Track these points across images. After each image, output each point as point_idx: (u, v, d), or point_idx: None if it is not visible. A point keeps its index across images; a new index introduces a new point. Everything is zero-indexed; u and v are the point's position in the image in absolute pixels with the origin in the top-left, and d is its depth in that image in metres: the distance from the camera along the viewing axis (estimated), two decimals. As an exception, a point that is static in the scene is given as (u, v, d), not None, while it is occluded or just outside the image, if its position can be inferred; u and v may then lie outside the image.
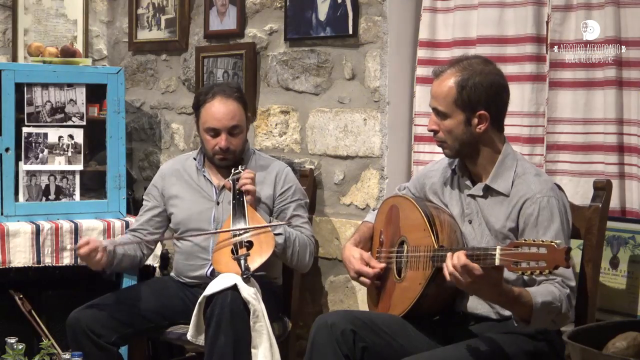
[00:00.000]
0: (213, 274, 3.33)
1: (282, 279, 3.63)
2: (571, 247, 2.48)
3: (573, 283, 2.60)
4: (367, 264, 2.92)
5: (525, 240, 2.36)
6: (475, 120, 2.69)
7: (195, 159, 3.58)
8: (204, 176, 3.53)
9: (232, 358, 3.05)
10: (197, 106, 3.50)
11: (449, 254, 2.45)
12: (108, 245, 3.33)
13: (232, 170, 3.41)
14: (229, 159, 3.45)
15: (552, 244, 2.28)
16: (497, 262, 2.36)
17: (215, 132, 3.43)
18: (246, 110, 3.52)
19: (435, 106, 2.75)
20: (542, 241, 2.31)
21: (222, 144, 3.42)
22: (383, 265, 2.91)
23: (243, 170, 3.40)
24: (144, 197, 3.66)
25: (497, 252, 2.37)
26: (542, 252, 2.29)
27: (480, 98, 2.68)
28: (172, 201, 3.55)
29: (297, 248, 3.39)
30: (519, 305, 2.48)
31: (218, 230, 3.36)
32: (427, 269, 2.69)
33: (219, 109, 3.42)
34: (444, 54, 3.50)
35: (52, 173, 4.11)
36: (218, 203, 3.48)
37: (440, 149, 2.84)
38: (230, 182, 3.38)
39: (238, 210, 3.30)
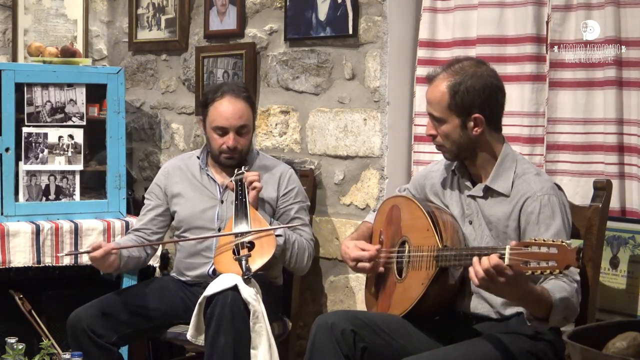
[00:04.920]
0: (215, 273, 3.33)
1: (282, 279, 3.63)
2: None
3: (578, 277, 2.60)
4: (362, 250, 2.90)
5: (535, 239, 2.34)
6: (471, 124, 2.69)
7: (198, 157, 3.58)
8: (208, 175, 3.53)
9: (232, 358, 3.05)
10: (205, 104, 3.49)
11: (475, 259, 2.40)
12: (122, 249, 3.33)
13: (235, 171, 3.41)
14: (235, 158, 3.45)
15: (564, 244, 2.27)
16: (506, 262, 2.35)
17: (223, 131, 3.43)
18: (254, 111, 3.55)
19: (431, 112, 2.75)
20: (553, 241, 2.30)
21: (230, 143, 3.42)
22: (378, 246, 2.89)
23: (246, 170, 3.40)
24: (145, 195, 3.65)
25: (507, 251, 2.35)
26: (553, 251, 2.28)
27: (474, 101, 2.67)
28: (176, 199, 3.55)
29: (296, 251, 3.39)
30: (541, 303, 2.46)
31: (219, 234, 3.36)
32: (431, 269, 2.68)
33: (228, 108, 3.42)
34: (444, 54, 3.50)
35: (52, 173, 4.11)
36: (222, 201, 3.48)
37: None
38: (233, 182, 3.38)
39: (240, 211, 3.30)
